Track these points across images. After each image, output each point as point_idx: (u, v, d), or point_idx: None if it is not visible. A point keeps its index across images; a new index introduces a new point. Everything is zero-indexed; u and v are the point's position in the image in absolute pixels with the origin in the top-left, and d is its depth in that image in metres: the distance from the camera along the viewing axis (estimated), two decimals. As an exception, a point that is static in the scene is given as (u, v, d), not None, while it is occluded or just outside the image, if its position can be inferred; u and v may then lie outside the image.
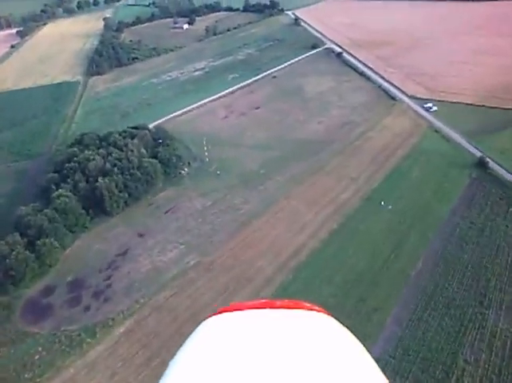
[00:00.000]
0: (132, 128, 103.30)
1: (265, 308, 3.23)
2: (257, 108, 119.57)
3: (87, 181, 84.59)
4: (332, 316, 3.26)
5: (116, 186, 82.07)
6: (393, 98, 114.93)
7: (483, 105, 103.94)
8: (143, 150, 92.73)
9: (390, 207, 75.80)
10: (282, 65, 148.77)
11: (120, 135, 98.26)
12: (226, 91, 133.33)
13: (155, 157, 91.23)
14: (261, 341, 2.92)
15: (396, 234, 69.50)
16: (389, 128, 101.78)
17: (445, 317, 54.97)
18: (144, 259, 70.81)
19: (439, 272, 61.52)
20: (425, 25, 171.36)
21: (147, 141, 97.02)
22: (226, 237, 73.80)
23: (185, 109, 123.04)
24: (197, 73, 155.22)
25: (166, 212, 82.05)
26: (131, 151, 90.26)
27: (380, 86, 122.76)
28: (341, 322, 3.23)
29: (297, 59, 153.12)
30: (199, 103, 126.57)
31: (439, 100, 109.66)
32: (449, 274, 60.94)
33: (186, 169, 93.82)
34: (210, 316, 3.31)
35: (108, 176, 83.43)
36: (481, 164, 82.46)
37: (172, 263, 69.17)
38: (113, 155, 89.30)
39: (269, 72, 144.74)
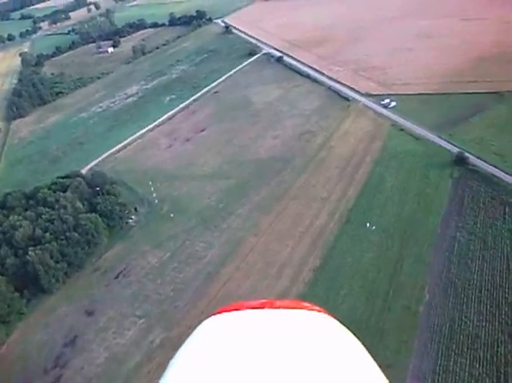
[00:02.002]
0: (63, 177, 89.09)
1: (265, 308, 3.18)
2: (202, 130, 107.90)
3: (15, 255, 70.22)
4: (333, 316, 3.18)
5: (51, 256, 68.26)
6: (346, 99, 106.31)
7: (443, 93, 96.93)
8: (78, 204, 78.98)
9: (373, 227, 66.31)
10: (222, 78, 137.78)
11: (49, 189, 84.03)
12: (166, 116, 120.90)
13: (94, 210, 77.77)
14: (261, 341, 2.87)
15: (389, 262, 59.79)
16: (350, 133, 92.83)
17: (474, 362, 45.51)
18: (98, 346, 57.59)
19: (451, 302, 52.20)
20: (361, 16, 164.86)
21: (83, 192, 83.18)
22: (193, 297, 61.81)
23: (122, 144, 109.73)
24: (130, 99, 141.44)
25: (116, 277, 69.01)
26: (65, 207, 76.38)
27: (329, 88, 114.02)
28: (342, 322, 3.12)
29: (236, 69, 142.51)
30: (138, 134, 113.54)
31: (394, 94, 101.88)
32: (463, 303, 51.75)
33: (133, 217, 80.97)
34: (210, 316, 3.24)
35: (41, 245, 69.38)
36: (460, 161, 74.58)
37: (133, 346, 56.38)
38: (44, 216, 75.18)
39: (208, 87, 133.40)
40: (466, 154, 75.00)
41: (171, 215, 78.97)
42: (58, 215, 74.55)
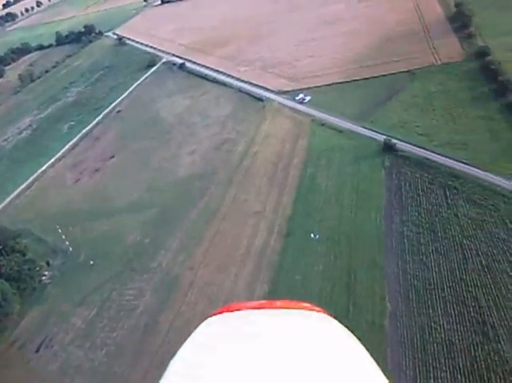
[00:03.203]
0: (-47, 241, 75.34)
1: (264, 308, 3.20)
2: (111, 157, 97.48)
3: None
4: (333, 316, 3.18)
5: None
6: (260, 99, 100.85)
7: (356, 79, 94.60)
8: (-25, 272, 66.55)
9: (317, 236, 61.23)
10: (123, 95, 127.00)
11: None
12: (67, 146, 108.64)
13: (-3, 275, 65.93)
14: (261, 341, 2.88)
15: (342, 273, 54.85)
16: (271, 135, 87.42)
17: (455, 373, 41.45)
18: None
19: (415, 309, 48.09)
20: (258, 11, 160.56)
21: (-21, 255, 70.51)
22: (131, 359, 53.04)
23: (22, 186, 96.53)
24: (24, 133, 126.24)
25: (37, 350, 58.38)
26: (-42, 280, 63.79)
27: (240, 90, 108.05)
28: (342, 322, 3.12)
29: (137, 83, 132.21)
30: (38, 172, 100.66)
31: (307, 88, 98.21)
32: (428, 307, 47.88)
33: (46, 273, 69.94)
34: (210, 316, 3.25)
35: None
36: (388, 148, 71.68)
37: None
38: None
39: (110, 108, 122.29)
40: (393, 140, 72.22)
41: (91, 263, 68.95)
42: (-49, 292, 61.92)
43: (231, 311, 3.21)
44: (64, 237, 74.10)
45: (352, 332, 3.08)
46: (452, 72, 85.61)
